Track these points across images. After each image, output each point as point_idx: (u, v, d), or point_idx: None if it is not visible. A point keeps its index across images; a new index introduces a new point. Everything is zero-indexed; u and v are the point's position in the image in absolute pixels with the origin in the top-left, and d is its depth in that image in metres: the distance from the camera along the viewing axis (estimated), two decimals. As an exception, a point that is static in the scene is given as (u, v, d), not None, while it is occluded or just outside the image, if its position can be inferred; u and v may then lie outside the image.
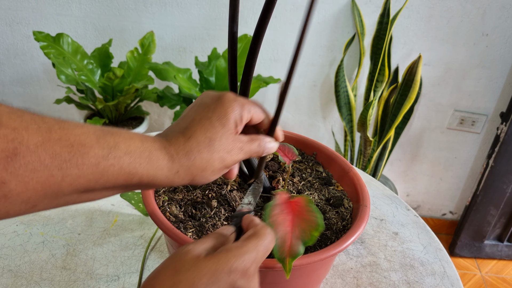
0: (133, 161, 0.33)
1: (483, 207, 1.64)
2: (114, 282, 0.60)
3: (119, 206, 0.77)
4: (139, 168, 0.34)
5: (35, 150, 0.28)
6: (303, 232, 0.40)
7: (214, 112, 0.39)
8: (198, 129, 0.38)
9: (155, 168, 0.35)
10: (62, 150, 0.30)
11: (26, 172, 0.28)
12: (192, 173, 0.37)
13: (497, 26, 1.40)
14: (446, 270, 0.68)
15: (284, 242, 0.39)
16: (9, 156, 0.27)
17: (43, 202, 0.30)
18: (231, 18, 0.43)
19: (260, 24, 0.40)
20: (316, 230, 0.40)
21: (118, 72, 1.34)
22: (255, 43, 0.41)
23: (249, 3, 1.41)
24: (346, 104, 1.45)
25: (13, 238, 0.67)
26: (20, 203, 0.29)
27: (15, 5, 1.45)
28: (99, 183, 0.32)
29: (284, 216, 0.41)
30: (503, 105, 1.54)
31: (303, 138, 0.69)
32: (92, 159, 0.31)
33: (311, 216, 0.41)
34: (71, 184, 0.31)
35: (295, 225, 0.41)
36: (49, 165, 0.29)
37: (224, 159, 0.39)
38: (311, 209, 0.42)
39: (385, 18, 1.32)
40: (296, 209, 0.42)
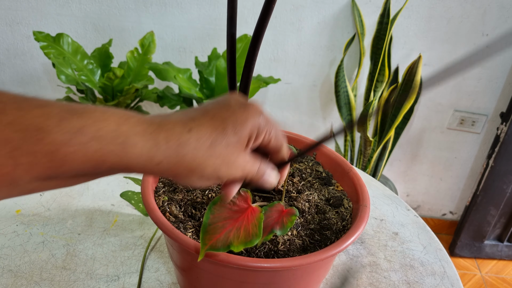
0: (101, 148, 0.28)
1: (483, 207, 1.64)
2: (114, 282, 0.60)
3: (119, 206, 0.77)
4: (110, 156, 0.29)
5: None
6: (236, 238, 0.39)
7: (232, 114, 0.33)
8: (206, 125, 0.32)
9: (129, 157, 0.29)
10: (14, 135, 0.26)
11: None
12: (176, 170, 0.32)
13: (497, 26, 1.40)
14: (446, 270, 0.68)
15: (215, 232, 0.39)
16: None
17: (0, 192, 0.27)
18: (229, 19, 0.43)
19: (260, 24, 0.40)
20: (245, 244, 0.39)
21: (118, 72, 1.34)
22: (255, 43, 0.41)
23: (249, 3, 1.41)
24: (346, 104, 1.45)
25: (13, 238, 0.67)
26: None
27: (15, 5, 1.45)
28: (61, 171, 0.28)
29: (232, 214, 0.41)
30: (503, 105, 1.54)
31: (303, 138, 0.69)
32: (48, 146, 0.27)
33: (253, 230, 0.40)
34: (27, 172, 0.27)
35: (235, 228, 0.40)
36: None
37: (219, 170, 0.33)
38: (257, 225, 0.41)
39: (385, 18, 1.32)
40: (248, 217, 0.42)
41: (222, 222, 0.40)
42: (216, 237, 0.39)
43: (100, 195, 0.79)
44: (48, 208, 0.75)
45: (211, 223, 0.40)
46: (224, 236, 0.39)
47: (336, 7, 1.41)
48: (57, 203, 0.76)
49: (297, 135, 0.69)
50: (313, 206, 0.56)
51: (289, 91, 1.58)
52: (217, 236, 0.39)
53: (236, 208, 0.41)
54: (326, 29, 1.45)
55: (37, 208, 0.75)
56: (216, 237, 0.39)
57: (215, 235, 0.39)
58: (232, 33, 0.44)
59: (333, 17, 1.43)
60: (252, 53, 0.43)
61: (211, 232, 0.39)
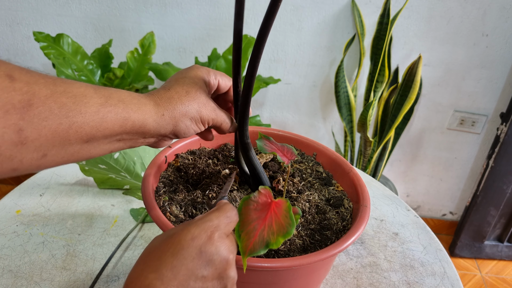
0: (126, 107, 0.38)
1: (483, 208, 1.64)
2: (114, 282, 0.60)
3: (119, 206, 0.77)
4: (132, 113, 0.39)
5: (45, 101, 0.32)
6: (271, 234, 0.39)
7: (186, 73, 0.46)
8: (175, 84, 0.44)
9: (144, 112, 0.40)
10: (68, 100, 0.34)
11: (39, 121, 0.32)
12: (175, 116, 0.42)
13: (497, 26, 1.40)
14: (446, 271, 0.68)
15: (250, 237, 0.39)
16: (25, 107, 0.31)
17: (52, 151, 0.34)
18: (237, 14, 0.43)
19: (264, 26, 0.40)
20: (284, 236, 0.39)
21: (118, 72, 1.34)
22: (259, 44, 0.41)
23: (250, 3, 1.41)
24: (346, 105, 1.45)
25: (13, 239, 0.67)
26: (33, 150, 0.32)
27: (15, 6, 1.45)
28: (100, 130, 0.36)
29: (259, 214, 0.41)
30: (503, 105, 1.54)
31: (303, 138, 0.69)
32: (93, 107, 0.35)
33: (285, 222, 0.40)
34: (76, 131, 0.34)
35: (266, 225, 0.40)
36: (58, 114, 0.33)
37: (200, 110, 0.44)
38: (287, 215, 0.41)
39: (385, 19, 1.32)
40: (275, 210, 0.42)
41: (253, 225, 0.40)
42: (252, 241, 0.39)
43: (100, 196, 0.79)
44: (48, 209, 0.75)
45: (242, 229, 0.39)
46: (259, 237, 0.39)
47: (336, 7, 1.41)
48: (57, 204, 0.76)
49: (297, 135, 0.69)
50: (313, 206, 0.56)
51: (289, 91, 1.58)
52: (253, 240, 0.39)
53: (261, 206, 0.41)
54: (326, 30, 1.45)
55: (37, 208, 0.75)
56: (252, 241, 0.39)
57: (250, 240, 0.39)
58: (239, 29, 0.44)
59: (333, 18, 1.43)
60: (256, 54, 0.43)
61: (245, 238, 0.39)
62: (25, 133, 0.31)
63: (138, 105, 0.40)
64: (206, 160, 0.62)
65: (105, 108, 0.36)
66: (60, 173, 0.85)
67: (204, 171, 0.59)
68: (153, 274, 0.34)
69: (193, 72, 0.46)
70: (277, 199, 0.43)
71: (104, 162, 0.78)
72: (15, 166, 0.32)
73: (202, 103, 0.45)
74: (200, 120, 0.45)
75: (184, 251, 0.35)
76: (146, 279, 0.34)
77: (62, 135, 0.34)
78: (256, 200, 0.41)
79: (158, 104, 0.42)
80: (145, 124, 0.40)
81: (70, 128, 0.34)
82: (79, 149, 0.36)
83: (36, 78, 0.33)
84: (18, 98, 0.31)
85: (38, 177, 0.83)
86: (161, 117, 0.41)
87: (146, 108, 0.40)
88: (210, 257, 0.36)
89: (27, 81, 0.32)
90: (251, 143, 0.53)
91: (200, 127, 0.46)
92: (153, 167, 0.56)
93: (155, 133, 0.42)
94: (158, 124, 0.41)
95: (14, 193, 0.78)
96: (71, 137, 0.34)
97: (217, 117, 0.47)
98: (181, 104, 0.43)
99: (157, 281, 0.34)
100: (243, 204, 0.41)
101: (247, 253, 0.39)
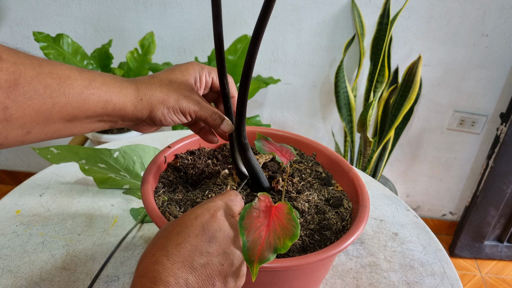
0: (108, 90, 0.40)
1: (483, 208, 1.64)
2: (114, 282, 0.60)
3: (119, 206, 0.77)
4: (113, 96, 0.40)
5: (31, 81, 0.34)
6: (277, 239, 0.39)
7: (176, 68, 0.47)
8: (163, 73, 0.46)
9: (125, 96, 0.41)
10: (53, 81, 0.35)
11: (24, 100, 0.33)
12: (152, 102, 0.43)
13: (497, 26, 1.40)
14: (446, 271, 0.68)
15: (256, 245, 0.39)
16: (11, 86, 0.32)
17: (35, 129, 0.35)
18: (215, 17, 0.43)
19: (260, 24, 0.40)
20: (291, 239, 0.39)
21: (118, 72, 1.34)
22: (254, 44, 0.41)
23: (249, 3, 1.41)
24: (346, 105, 1.45)
25: (13, 239, 0.67)
26: (17, 127, 0.34)
27: (15, 6, 1.45)
28: (82, 111, 0.38)
29: (262, 220, 0.40)
30: (503, 105, 1.54)
31: (302, 138, 0.69)
32: (76, 89, 0.37)
33: (289, 224, 0.40)
34: (59, 111, 0.36)
35: (270, 231, 0.40)
36: (43, 94, 0.34)
37: (179, 100, 0.44)
38: (290, 218, 0.41)
39: (385, 19, 1.32)
40: (276, 215, 0.41)
41: (258, 232, 0.39)
42: (259, 249, 0.39)
43: (100, 196, 0.79)
44: (48, 209, 0.75)
45: (248, 239, 0.39)
46: (266, 243, 0.39)
47: (336, 7, 1.41)
48: (56, 204, 0.76)
49: (296, 135, 0.69)
50: (312, 206, 0.56)
51: (289, 91, 1.58)
52: (260, 247, 0.39)
53: (262, 213, 0.41)
54: (326, 30, 1.45)
55: (37, 208, 0.75)
56: (260, 248, 0.39)
57: (257, 248, 0.39)
58: (219, 31, 0.44)
59: (333, 18, 1.43)
60: (251, 54, 0.43)
61: (252, 247, 0.39)
62: (10, 111, 0.33)
63: (120, 88, 0.41)
64: (206, 160, 0.62)
65: (88, 90, 0.38)
66: (60, 173, 0.85)
67: (204, 171, 0.59)
68: (160, 251, 0.36)
69: (185, 66, 0.47)
70: (277, 203, 0.43)
71: (104, 161, 0.78)
72: (1, 141, 0.34)
73: (183, 94, 0.45)
74: (179, 110, 0.45)
75: (188, 229, 0.37)
76: (154, 256, 0.36)
77: (45, 114, 0.35)
78: (257, 207, 0.41)
79: (138, 88, 0.43)
80: (125, 107, 0.41)
81: (53, 108, 0.35)
82: (62, 127, 0.38)
83: (23, 59, 0.34)
84: (4, 78, 0.32)
85: (38, 177, 0.83)
86: (139, 101, 0.42)
87: (127, 92, 0.42)
88: (213, 234, 0.37)
89: (14, 61, 0.33)
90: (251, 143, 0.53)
91: (180, 118, 0.46)
92: (152, 167, 0.56)
93: (133, 117, 0.43)
94: (135, 108, 0.42)
95: (13, 193, 0.78)
96: (54, 116, 0.36)
97: (201, 110, 0.46)
98: (160, 92, 0.44)
99: (163, 258, 0.35)
100: (246, 213, 0.40)
101: (257, 261, 0.38)
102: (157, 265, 0.35)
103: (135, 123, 0.45)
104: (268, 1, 0.38)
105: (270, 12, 0.39)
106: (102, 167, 0.78)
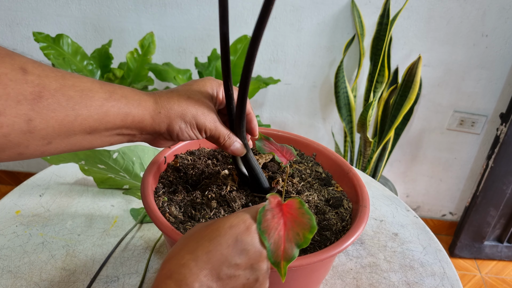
0: (127, 103, 0.40)
1: (483, 208, 1.64)
2: (114, 283, 0.60)
3: (118, 207, 0.77)
4: (132, 108, 0.41)
5: (54, 94, 0.34)
6: (296, 235, 0.39)
7: (194, 83, 0.47)
8: (181, 88, 0.46)
9: (144, 108, 0.42)
10: (75, 94, 0.36)
11: (48, 112, 0.34)
12: (170, 116, 0.43)
13: (497, 27, 1.40)
14: (445, 271, 0.68)
15: (278, 246, 0.39)
16: (35, 98, 0.33)
17: (56, 140, 0.36)
18: (221, 18, 0.43)
19: (259, 24, 0.40)
20: (310, 232, 0.39)
21: (118, 73, 1.34)
22: (254, 45, 0.41)
23: (249, 4, 1.41)
24: (346, 105, 1.45)
25: (13, 239, 0.67)
26: (39, 138, 0.35)
27: (15, 6, 1.45)
28: (103, 123, 0.38)
29: (277, 220, 0.41)
30: (503, 106, 1.54)
31: (302, 138, 0.69)
32: (97, 101, 0.38)
33: (303, 218, 0.40)
34: (81, 123, 0.37)
35: (288, 229, 0.40)
36: (66, 106, 0.35)
37: (197, 117, 0.45)
38: (303, 211, 0.41)
39: (385, 19, 1.32)
40: (289, 212, 0.42)
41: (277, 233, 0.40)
42: (282, 249, 0.39)
43: (100, 196, 0.79)
44: (48, 209, 0.75)
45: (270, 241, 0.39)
46: (287, 241, 0.39)
47: (335, 8, 1.41)
48: (56, 204, 0.76)
49: (296, 135, 0.69)
50: (312, 206, 0.56)
51: (288, 91, 1.58)
52: (282, 247, 0.39)
53: (276, 214, 0.41)
54: (326, 30, 1.45)
55: (37, 208, 0.75)
56: (282, 249, 0.39)
57: (280, 248, 0.39)
58: (224, 32, 0.44)
59: (333, 18, 1.43)
60: (251, 54, 0.43)
61: (275, 249, 0.39)
62: (33, 123, 0.33)
63: (139, 101, 0.41)
64: (206, 160, 0.62)
65: (109, 102, 0.38)
66: (60, 173, 0.85)
67: (204, 171, 0.59)
68: (189, 255, 0.36)
69: (203, 82, 0.47)
70: (286, 201, 0.43)
71: (103, 162, 0.78)
72: (21, 151, 0.35)
73: (201, 111, 0.45)
74: (195, 126, 0.45)
75: (221, 237, 0.37)
76: (183, 259, 0.36)
77: (68, 126, 0.36)
78: (269, 208, 0.41)
79: (157, 101, 0.43)
80: (143, 119, 0.42)
81: (76, 120, 0.36)
82: (82, 140, 0.38)
83: (47, 72, 0.35)
84: (29, 90, 0.33)
85: (38, 178, 0.83)
86: (158, 114, 0.43)
87: (146, 104, 0.42)
88: (245, 247, 0.37)
89: (39, 74, 0.34)
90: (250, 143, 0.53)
91: (196, 134, 0.46)
92: (152, 167, 0.56)
93: (151, 130, 0.43)
94: (154, 121, 0.43)
95: (13, 193, 0.78)
96: (76, 128, 0.37)
97: (216, 129, 0.47)
98: (178, 106, 0.44)
99: (192, 262, 0.36)
100: (262, 216, 0.40)
101: (283, 260, 0.38)
102: (184, 269, 0.35)
103: (153, 137, 0.46)
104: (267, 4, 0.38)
105: (269, 15, 0.39)
106: (101, 168, 0.78)
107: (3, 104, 0.31)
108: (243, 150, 0.50)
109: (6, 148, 0.33)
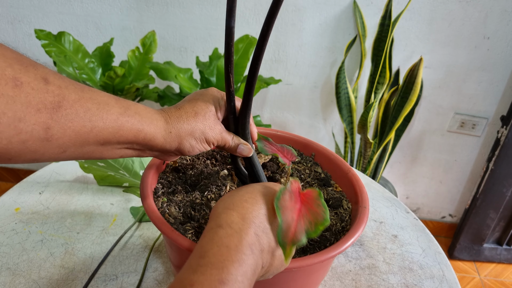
0: (141, 119, 0.42)
1: (482, 211, 1.64)
2: (112, 281, 0.60)
3: (118, 205, 0.77)
4: (145, 126, 0.42)
5: (73, 105, 0.36)
6: (308, 224, 0.40)
7: (200, 96, 0.49)
8: (187, 104, 0.47)
9: (155, 127, 0.43)
10: (93, 106, 0.37)
11: (66, 121, 0.35)
12: (180, 135, 0.45)
13: (499, 29, 1.40)
14: (445, 274, 0.67)
15: (289, 228, 0.39)
16: (54, 108, 0.34)
17: (71, 149, 0.37)
18: (229, 12, 0.42)
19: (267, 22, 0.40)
20: (322, 224, 0.40)
21: (119, 71, 1.34)
22: (261, 44, 0.41)
23: (251, 3, 1.41)
24: (346, 106, 1.45)
25: (12, 236, 0.67)
26: (55, 147, 0.36)
27: (16, 3, 1.45)
28: (116, 137, 0.40)
29: (293, 204, 0.41)
30: (504, 108, 1.54)
31: (301, 138, 0.68)
32: (113, 115, 0.39)
33: (318, 209, 0.41)
34: (96, 134, 0.38)
35: (302, 215, 0.41)
36: (83, 117, 0.37)
37: (205, 132, 0.47)
38: (319, 203, 0.41)
39: (387, 20, 1.32)
40: (306, 200, 0.42)
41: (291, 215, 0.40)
42: (292, 231, 0.39)
43: (100, 194, 0.79)
44: (47, 207, 0.75)
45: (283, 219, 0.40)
46: (298, 226, 0.40)
47: (337, 8, 1.41)
48: (56, 202, 0.76)
49: (294, 135, 0.69)
50: (312, 207, 0.55)
51: (290, 92, 1.58)
52: (293, 229, 0.39)
53: (294, 196, 0.42)
54: (327, 31, 1.45)
55: (36, 206, 0.75)
56: (293, 231, 0.39)
57: (290, 230, 0.39)
58: (231, 26, 0.43)
59: (335, 19, 1.43)
60: (258, 54, 0.43)
61: (286, 229, 0.39)
62: (51, 131, 0.35)
63: (151, 120, 0.43)
64: (205, 160, 0.62)
65: (123, 117, 0.40)
66: (60, 171, 0.85)
67: (203, 171, 0.59)
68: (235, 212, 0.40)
69: (207, 96, 0.49)
70: (306, 190, 0.43)
71: (103, 160, 0.78)
72: (37, 157, 0.36)
73: (209, 126, 0.47)
74: (204, 140, 0.47)
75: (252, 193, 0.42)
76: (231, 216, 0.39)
77: (83, 136, 0.37)
78: (290, 189, 0.42)
79: (167, 121, 0.45)
80: (155, 138, 0.43)
81: (91, 131, 0.38)
82: (94, 150, 0.40)
83: (67, 83, 0.36)
84: (50, 99, 0.34)
85: (38, 175, 0.83)
86: (169, 134, 0.44)
87: (158, 123, 0.44)
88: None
89: (59, 85, 0.35)
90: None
91: (205, 147, 0.48)
92: (151, 167, 0.56)
93: (161, 148, 0.45)
94: (165, 140, 0.44)
95: (13, 190, 0.78)
96: (91, 139, 0.38)
97: (222, 139, 0.49)
98: (187, 124, 0.45)
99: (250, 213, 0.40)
100: (281, 195, 0.41)
101: (290, 242, 0.39)
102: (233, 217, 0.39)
103: (162, 154, 0.47)
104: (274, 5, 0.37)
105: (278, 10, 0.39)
106: (101, 166, 0.78)
107: (23, 111, 0.32)
108: (249, 151, 0.51)
109: (22, 154, 0.34)
